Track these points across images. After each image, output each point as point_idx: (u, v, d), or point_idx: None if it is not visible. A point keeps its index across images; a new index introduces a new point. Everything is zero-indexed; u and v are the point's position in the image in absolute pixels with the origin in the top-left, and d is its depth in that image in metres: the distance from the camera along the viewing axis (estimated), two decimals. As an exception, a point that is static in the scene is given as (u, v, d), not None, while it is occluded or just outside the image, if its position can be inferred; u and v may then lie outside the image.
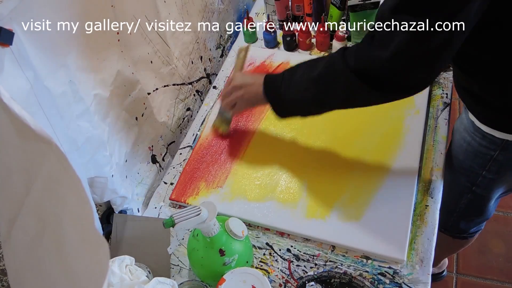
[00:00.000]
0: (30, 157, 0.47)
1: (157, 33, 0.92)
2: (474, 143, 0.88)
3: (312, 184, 0.93)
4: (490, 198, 0.99)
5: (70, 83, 0.69)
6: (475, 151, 0.88)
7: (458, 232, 1.14)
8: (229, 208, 0.91)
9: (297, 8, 1.23)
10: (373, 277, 0.81)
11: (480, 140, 0.86)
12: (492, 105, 0.79)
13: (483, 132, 0.84)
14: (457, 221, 1.09)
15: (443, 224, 1.10)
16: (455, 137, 0.95)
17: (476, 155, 0.89)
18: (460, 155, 0.94)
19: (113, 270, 0.70)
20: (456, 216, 1.07)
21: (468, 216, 1.07)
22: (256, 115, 1.07)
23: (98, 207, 0.87)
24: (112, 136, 0.83)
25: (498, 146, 0.84)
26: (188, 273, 0.86)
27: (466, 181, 0.96)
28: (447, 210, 1.03)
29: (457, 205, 1.04)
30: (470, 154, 0.90)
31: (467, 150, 0.91)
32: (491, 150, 0.85)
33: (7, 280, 0.59)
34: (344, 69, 0.71)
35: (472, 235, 1.15)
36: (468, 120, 0.87)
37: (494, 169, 0.89)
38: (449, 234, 1.15)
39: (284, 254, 0.86)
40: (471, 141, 0.88)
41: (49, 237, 0.48)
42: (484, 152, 0.87)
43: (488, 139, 0.84)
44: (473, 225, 1.11)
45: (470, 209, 1.04)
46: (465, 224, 1.10)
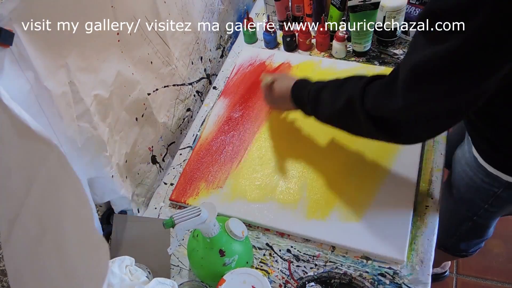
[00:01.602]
0: (30, 158, 0.47)
1: (157, 33, 0.92)
2: (476, 179, 0.85)
3: (312, 184, 0.93)
4: (490, 225, 0.99)
5: (70, 84, 0.69)
6: (478, 186, 0.86)
7: (458, 251, 1.13)
8: (229, 208, 0.91)
9: (297, 8, 1.23)
10: (373, 278, 0.81)
11: (483, 177, 0.83)
12: (501, 149, 0.76)
13: (487, 171, 0.81)
14: (457, 243, 1.09)
15: (443, 244, 1.09)
16: (456, 168, 0.93)
17: (478, 190, 0.87)
18: (461, 187, 0.92)
19: (113, 271, 0.70)
20: (456, 239, 1.07)
21: (468, 239, 1.07)
22: (257, 116, 1.07)
23: (98, 207, 0.87)
24: (112, 136, 0.83)
25: (502, 185, 0.82)
26: (188, 273, 0.86)
27: (467, 211, 0.95)
28: (447, 232, 1.02)
29: (457, 230, 1.03)
30: (472, 188, 0.88)
31: (469, 184, 0.89)
32: (494, 187, 0.83)
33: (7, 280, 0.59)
34: (361, 113, 0.70)
35: (471, 254, 1.15)
36: (471, 155, 0.85)
37: (497, 204, 0.87)
38: (449, 253, 1.14)
39: (284, 255, 0.86)
40: (473, 176, 0.86)
41: (49, 238, 0.48)
42: (487, 188, 0.85)
43: (491, 177, 0.82)
44: (473, 246, 1.11)
45: (470, 234, 1.03)
46: (465, 245, 1.10)
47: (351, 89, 0.74)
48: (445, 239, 1.04)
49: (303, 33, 1.19)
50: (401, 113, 0.65)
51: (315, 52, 1.22)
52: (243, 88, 1.14)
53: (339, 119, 0.78)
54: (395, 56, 1.15)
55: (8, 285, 0.58)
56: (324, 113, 0.81)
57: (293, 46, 1.22)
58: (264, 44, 1.25)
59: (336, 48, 1.16)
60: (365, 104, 0.69)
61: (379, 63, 1.15)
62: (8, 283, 0.53)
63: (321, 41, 1.19)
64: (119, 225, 0.87)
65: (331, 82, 0.81)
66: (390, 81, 0.66)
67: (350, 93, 0.73)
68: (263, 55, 1.21)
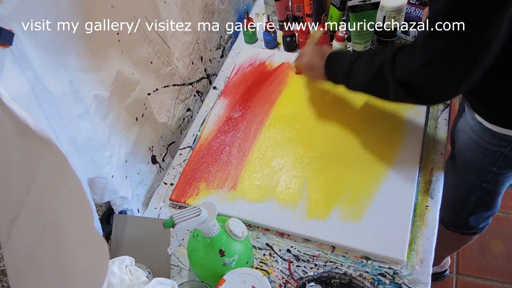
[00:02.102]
0: (30, 158, 0.47)
1: (157, 33, 0.92)
2: (482, 142, 0.88)
3: (312, 184, 0.93)
4: (499, 192, 0.99)
5: (70, 84, 0.69)
6: (484, 149, 0.88)
7: (468, 229, 1.14)
8: (229, 208, 0.91)
9: (297, 8, 1.23)
10: (373, 278, 0.81)
11: (489, 139, 0.86)
12: (502, 106, 0.79)
13: (493, 131, 0.84)
14: (466, 219, 1.09)
15: (452, 223, 1.10)
16: (461, 137, 0.95)
17: (485, 153, 0.89)
18: (467, 154, 0.94)
19: (113, 271, 0.70)
20: (465, 213, 1.08)
21: (477, 212, 1.07)
22: (257, 115, 1.07)
23: (98, 207, 0.87)
24: (112, 136, 0.83)
25: (509, 143, 0.84)
26: (188, 273, 0.86)
27: (476, 179, 0.96)
28: (455, 209, 1.03)
29: (467, 203, 1.04)
30: (479, 153, 0.90)
31: (476, 150, 0.91)
32: (501, 147, 0.85)
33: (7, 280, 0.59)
34: (391, 77, 0.75)
35: (480, 230, 1.16)
36: (474, 121, 0.87)
37: (505, 164, 0.89)
38: (458, 232, 1.15)
39: (284, 255, 0.86)
40: (478, 140, 0.88)
41: (49, 238, 0.48)
42: (494, 149, 0.87)
43: (498, 137, 0.84)
44: (482, 220, 1.12)
45: (480, 206, 1.04)
46: (474, 220, 1.10)
47: (382, 56, 0.80)
48: (453, 217, 1.05)
49: (303, 33, 1.19)
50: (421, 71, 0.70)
51: (315, 52, 1.22)
52: (243, 88, 1.14)
53: (371, 85, 0.83)
54: (395, 56, 1.15)
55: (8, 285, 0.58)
56: (357, 81, 0.86)
57: (293, 46, 1.22)
58: (264, 44, 1.25)
59: (336, 48, 1.16)
60: (394, 69, 0.75)
61: (379, 63, 1.15)
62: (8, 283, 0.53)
63: (321, 41, 1.19)
64: (119, 225, 0.87)
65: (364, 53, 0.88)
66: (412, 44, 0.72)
67: (381, 60, 0.79)
68: (263, 55, 1.21)
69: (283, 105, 1.09)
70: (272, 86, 1.13)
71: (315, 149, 0.99)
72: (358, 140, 0.99)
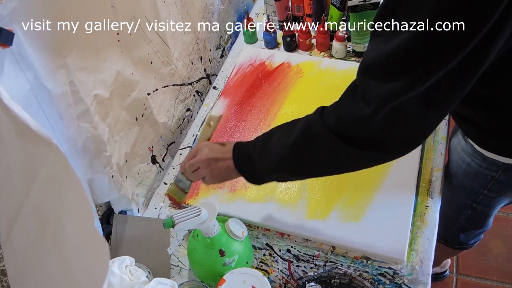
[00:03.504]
0: (30, 158, 0.47)
1: (157, 33, 0.92)
2: (474, 164, 0.85)
3: (312, 184, 0.93)
4: (491, 214, 0.98)
5: (70, 84, 0.69)
6: (475, 172, 0.86)
7: (458, 244, 1.13)
8: (229, 208, 0.91)
9: (297, 8, 1.23)
10: (373, 278, 0.81)
11: (480, 162, 0.83)
12: (493, 132, 0.75)
13: (484, 156, 0.81)
14: (457, 235, 1.09)
15: (443, 236, 1.10)
16: (453, 156, 0.92)
17: (476, 175, 0.87)
18: (459, 174, 0.92)
19: (113, 271, 0.70)
20: (456, 229, 1.07)
21: (468, 230, 1.07)
22: (256, 115, 1.07)
23: (98, 207, 0.87)
24: (112, 136, 0.83)
25: (499, 168, 0.81)
26: (188, 273, 0.86)
27: (466, 199, 0.95)
28: (446, 224, 1.02)
29: (457, 220, 1.03)
30: (470, 174, 0.88)
31: (467, 171, 0.88)
32: (492, 171, 0.83)
33: (7, 280, 0.59)
34: (323, 131, 0.62)
35: (471, 246, 1.15)
36: (467, 143, 0.84)
37: (496, 188, 0.87)
38: (449, 246, 1.14)
39: (284, 255, 0.86)
40: (470, 162, 0.86)
41: (49, 238, 0.48)
42: (485, 173, 0.84)
43: (489, 162, 0.81)
44: (473, 237, 1.11)
45: (470, 224, 1.03)
46: (465, 237, 1.10)
47: (304, 120, 0.67)
48: (445, 231, 1.04)
49: (303, 33, 1.19)
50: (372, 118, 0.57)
51: (315, 52, 1.22)
52: (243, 88, 1.14)
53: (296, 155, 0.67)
54: (395, 56, 1.15)
55: (8, 285, 0.58)
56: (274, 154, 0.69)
57: (293, 46, 1.22)
58: (264, 44, 1.25)
59: (336, 48, 1.16)
60: (327, 123, 0.62)
61: (379, 63, 1.15)
62: (8, 283, 0.53)
63: (321, 41, 1.19)
64: (119, 225, 0.87)
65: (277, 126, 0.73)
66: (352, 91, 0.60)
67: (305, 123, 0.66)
68: (263, 55, 1.21)
69: (283, 105, 1.09)
70: (272, 86, 1.13)
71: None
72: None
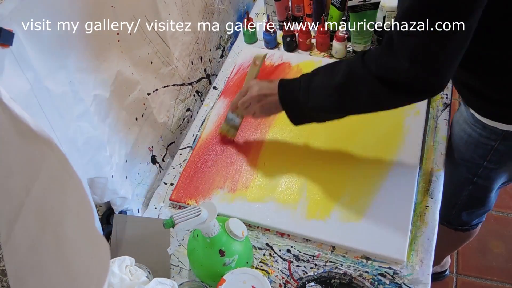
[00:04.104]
0: (30, 158, 0.47)
1: (157, 33, 0.92)
2: (474, 134, 0.89)
3: (312, 184, 0.93)
4: (491, 188, 1.00)
5: (70, 84, 0.69)
6: (476, 142, 0.89)
7: (461, 224, 1.14)
8: (229, 208, 0.91)
9: (297, 8, 1.23)
10: (373, 278, 0.81)
11: (480, 131, 0.87)
12: (492, 99, 0.80)
13: (484, 124, 0.85)
14: (459, 213, 1.10)
15: (445, 217, 1.11)
16: (455, 129, 0.96)
17: (476, 146, 0.90)
18: (460, 146, 0.95)
19: (113, 271, 0.70)
20: (458, 208, 1.08)
21: (470, 207, 1.08)
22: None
23: (98, 207, 0.87)
24: (112, 136, 0.83)
25: (498, 136, 0.85)
26: (188, 273, 0.86)
27: (467, 173, 0.97)
28: (448, 203, 1.04)
29: (459, 198, 1.04)
30: (471, 145, 0.91)
31: (468, 141, 0.91)
32: (491, 140, 0.86)
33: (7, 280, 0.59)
34: (366, 75, 0.71)
35: (474, 227, 1.16)
36: (468, 113, 0.88)
37: (495, 159, 0.90)
38: (451, 227, 1.15)
39: (284, 255, 0.86)
40: (471, 132, 0.89)
41: (49, 238, 0.48)
42: (484, 142, 0.88)
43: (488, 130, 0.85)
44: (475, 217, 1.12)
45: (472, 201, 1.05)
46: (467, 216, 1.11)
47: (347, 63, 0.75)
48: (447, 211, 1.06)
49: (303, 33, 1.19)
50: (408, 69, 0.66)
51: (315, 52, 1.22)
52: (243, 88, 1.14)
53: (340, 95, 0.76)
54: (395, 56, 1.15)
55: (8, 285, 0.58)
56: (321, 95, 0.78)
57: (293, 46, 1.22)
58: (264, 44, 1.25)
59: (336, 48, 1.16)
60: (369, 68, 0.70)
61: (379, 63, 1.15)
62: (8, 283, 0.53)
63: (321, 41, 1.19)
64: (119, 225, 0.87)
65: (320, 67, 0.80)
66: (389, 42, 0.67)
67: (348, 66, 0.74)
68: (263, 55, 1.21)
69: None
70: (272, 86, 1.13)
71: (315, 149, 0.99)
72: (358, 140, 0.99)
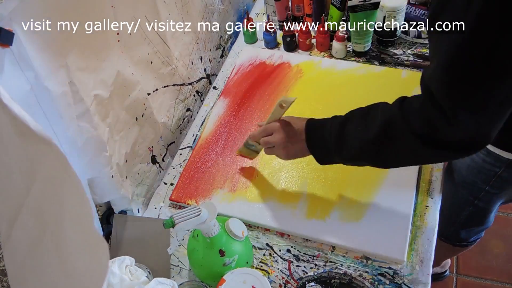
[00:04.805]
0: (30, 158, 0.47)
1: (157, 33, 0.92)
2: (478, 159, 0.87)
3: (312, 184, 0.93)
4: (491, 210, 0.99)
5: (70, 84, 0.69)
6: (479, 167, 0.87)
7: (459, 241, 1.14)
8: (229, 208, 0.91)
9: (297, 8, 1.23)
10: (373, 278, 0.81)
11: (484, 157, 0.85)
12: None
13: (488, 150, 0.83)
14: (457, 231, 1.09)
15: (443, 233, 1.10)
16: None
17: (479, 171, 0.88)
18: (462, 170, 0.93)
19: (113, 271, 0.70)
20: (456, 226, 1.07)
21: (469, 226, 1.07)
22: (257, 115, 1.07)
23: (98, 207, 0.87)
24: (112, 136, 0.83)
25: (503, 164, 0.83)
26: (188, 273, 0.86)
27: (468, 195, 0.96)
28: (447, 220, 1.03)
29: (458, 217, 1.03)
30: (473, 169, 0.89)
31: (470, 166, 0.90)
32: (496, 167, 0.84)
33: (7, 280, 0.59)
34: (407, 132, 0.63)
35: (472, 243, 1.15)
36: None
37: (498, 185, 0.88)
38: (449, 243, 1.15)
39: (284, 255, 0.86)
40: (474, 157, 0.87)
41: (49, 238, 0.48)
42: (488, 168, 0.86)
43: (493, 156, 0.83)
44: (473, 234, 1.11)
45: (471, 221, 1.04)
46: (465, 233, 1.10)
47: (383, 112, 0.67)
48: (445, 227, 1.05)
49: (303, 33, 1.19)
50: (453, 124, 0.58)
51: (315, 52, 1.22)
52: (243, 88, 1.14)
53: (377, 151, 0.69)
54: (395, 56, 1.15)
55: (8, 285, 0.58)
56: (353, 149, 0.71)
57: (293, 46, 1.22)
58: (264, 44, 1.25)
59: (336, 48, 1.16)
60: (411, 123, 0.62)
61: (379, 63, 1.15)
62: (8, 283, 0.53)
63: (321, 41, 1.19)
64: (119, 225, 0.87)
65: (352, 112, 0.73)
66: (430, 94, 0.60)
67: (386, 118, 0.66)
68: (263, 55, 1.21)
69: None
70: (272, 86, 1.13)
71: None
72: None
